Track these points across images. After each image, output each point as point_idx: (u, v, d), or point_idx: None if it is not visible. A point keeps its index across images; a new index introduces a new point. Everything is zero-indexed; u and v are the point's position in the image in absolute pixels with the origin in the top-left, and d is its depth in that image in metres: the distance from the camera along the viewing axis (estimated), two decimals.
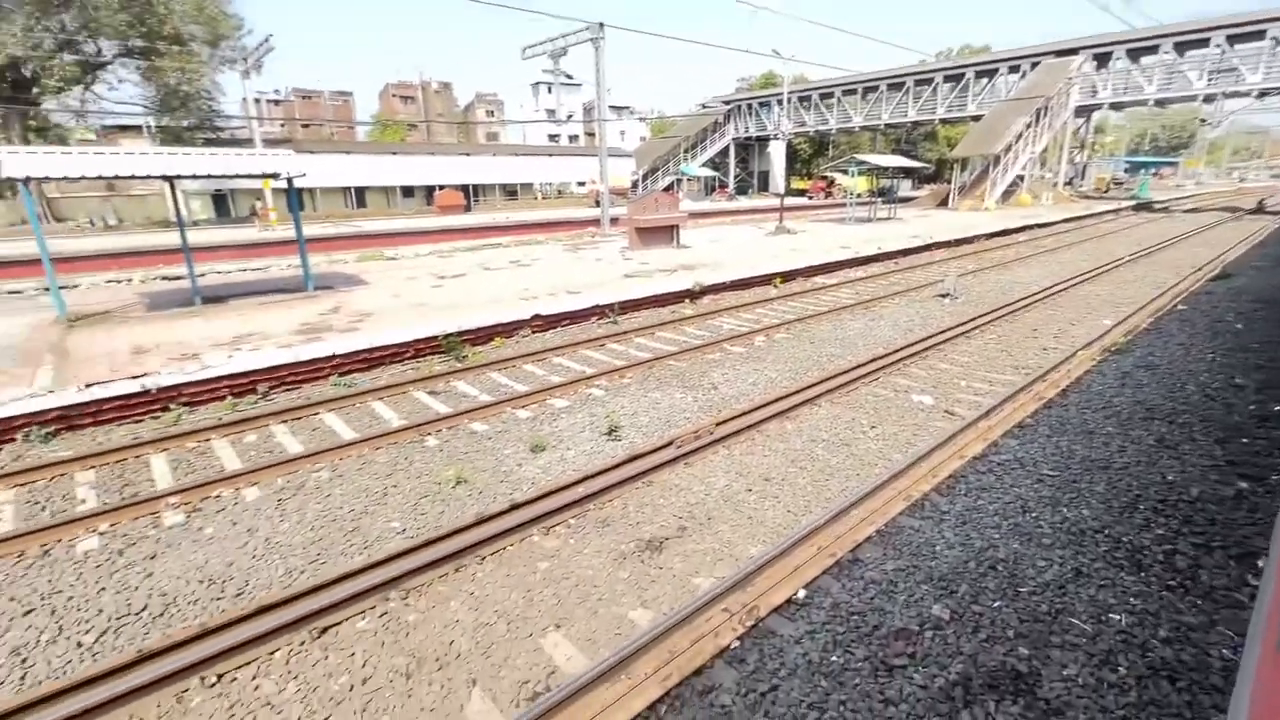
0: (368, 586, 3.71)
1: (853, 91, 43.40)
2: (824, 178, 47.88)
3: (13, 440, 6.02)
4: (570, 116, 66.58)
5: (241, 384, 7.27)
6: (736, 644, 3.19)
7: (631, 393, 7.29)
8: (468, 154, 44.00)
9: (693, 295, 12.17)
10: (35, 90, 27.39)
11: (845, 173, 29.55)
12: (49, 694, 2.94)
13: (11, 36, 24.74)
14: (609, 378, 7.77)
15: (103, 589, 3.87)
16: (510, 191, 47.06)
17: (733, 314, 11.24)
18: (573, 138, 70.21)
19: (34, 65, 26.31)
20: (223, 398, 7.10)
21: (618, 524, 4.53)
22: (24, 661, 3.30)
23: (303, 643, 3.38)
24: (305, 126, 59.76)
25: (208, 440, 6.14)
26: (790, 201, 34.87)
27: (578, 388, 7.47)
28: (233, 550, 4.25)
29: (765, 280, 13.66)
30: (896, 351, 8.35)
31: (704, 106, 55.15)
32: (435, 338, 8.83)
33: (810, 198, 46.24)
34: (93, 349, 8.01)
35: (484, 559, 4.14)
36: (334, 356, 7.97)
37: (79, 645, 3.41)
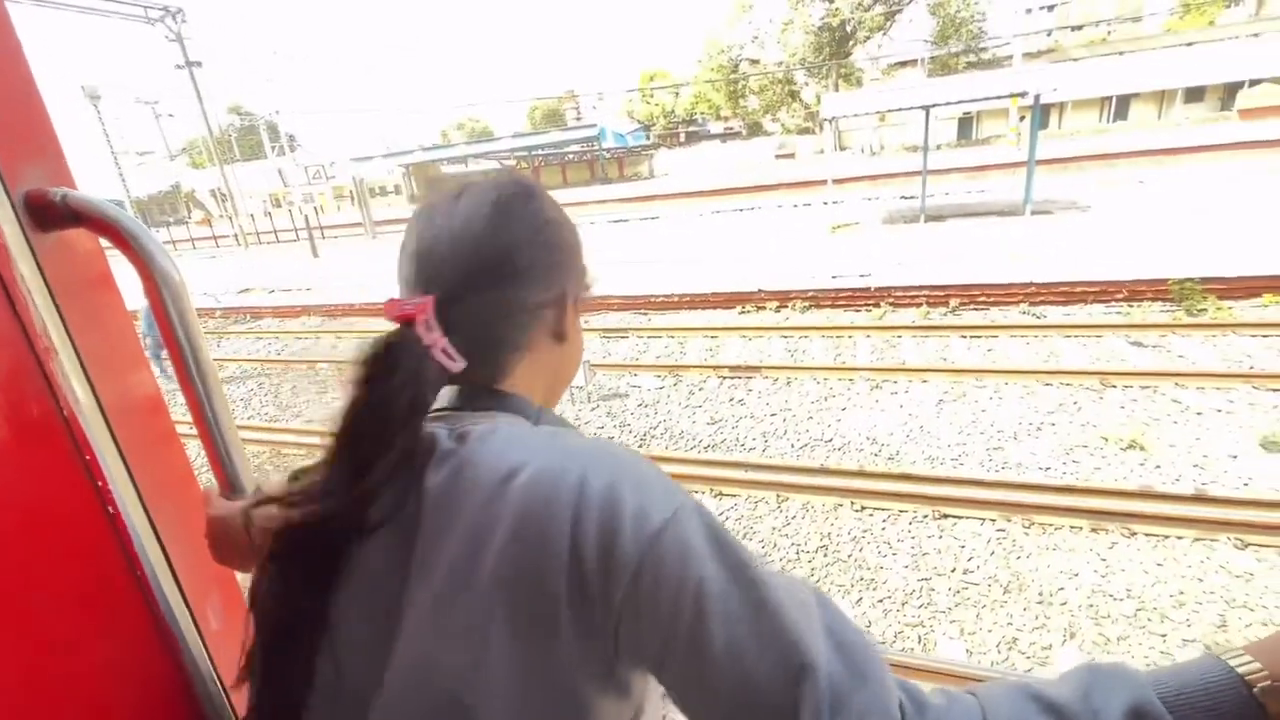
0: (992, 500, 3.93)
1: None
2: None
3: (787, 305, 8.81)
4: None
5: (937, 296, 8.10)
6: None
7: None
8: None
9: None
10: (850, 44, 34.86)
11: None
12: (882, 474, 4.60)
13: (845, 2, 31.93)
14: None
15: (810, 417, 5.51)
16: None
17: None
18: None
19: (853, 22, 33.32)
20: (919, 305, 8.13)
21: None
22: (768, 442, 5.19)
23: (925, 516, 3.97)
24: (1076, 30, 53.54)
25: (899, 337, 7.30)
26: None
27: None
28: (894, 424, 5.19)
29: None
30: None
31: None
32: (1164, 281, 7.29)
33: None
34: (838, 249, 10.48)
35: (1134, 535, 3.63)
36: (1030, 284, 7.77)
37: (791, 445, 5.08)
